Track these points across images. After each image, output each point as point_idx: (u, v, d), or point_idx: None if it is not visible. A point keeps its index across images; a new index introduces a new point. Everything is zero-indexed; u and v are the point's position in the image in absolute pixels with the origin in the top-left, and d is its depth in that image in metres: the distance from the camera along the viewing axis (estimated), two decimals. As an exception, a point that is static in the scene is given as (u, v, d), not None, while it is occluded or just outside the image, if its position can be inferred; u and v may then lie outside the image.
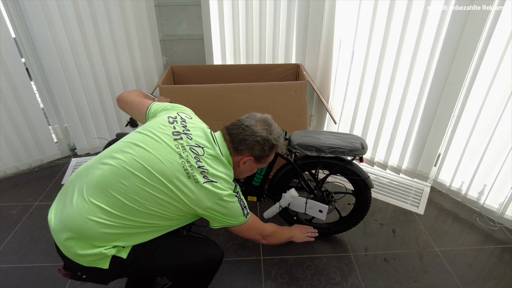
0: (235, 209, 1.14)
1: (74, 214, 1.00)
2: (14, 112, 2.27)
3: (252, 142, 1.16)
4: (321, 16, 2.15)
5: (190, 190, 1.05)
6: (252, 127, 1.17)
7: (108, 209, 1.00)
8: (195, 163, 1.07)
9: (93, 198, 1.00)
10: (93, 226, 0.99)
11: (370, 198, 1.68)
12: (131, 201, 1.01)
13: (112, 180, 1.01)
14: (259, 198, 1.74)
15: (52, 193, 2.25)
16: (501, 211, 1.98)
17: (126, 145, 1.08)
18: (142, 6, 2.26)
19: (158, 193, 1.03)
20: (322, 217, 1.67)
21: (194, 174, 1.05)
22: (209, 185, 1.06)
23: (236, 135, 1.17)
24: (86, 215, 0.99)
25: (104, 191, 1.01)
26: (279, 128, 1.26)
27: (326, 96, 2.46)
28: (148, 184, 1.02)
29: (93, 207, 1.00)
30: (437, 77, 1.93)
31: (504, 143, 1.85)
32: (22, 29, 2.14)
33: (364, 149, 1.54)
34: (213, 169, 1.09)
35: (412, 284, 1.62)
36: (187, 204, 1.06)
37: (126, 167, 1.03)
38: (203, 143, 1.12)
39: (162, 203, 1.04)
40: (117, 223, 1.00)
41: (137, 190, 1.01)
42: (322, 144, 1.54)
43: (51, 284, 1.61)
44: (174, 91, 2.00)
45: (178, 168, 1.04)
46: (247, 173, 1.27)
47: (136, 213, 1.02)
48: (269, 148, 1.20)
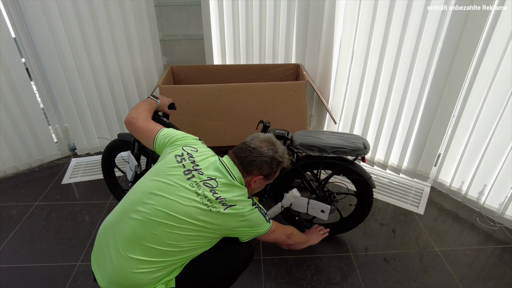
0: (258, 218, 1.23)
1: (119, 272, 1.08)
2: (14, 112, 2.27)
3: (261, 163, 1.23)
4: (321, 16, 2.16)
5: (215, 220, 1.13)
6: (259, 148, 1.24)
7: (148, 259, 1.08)
8: (212, 195, 1.14)
9: (131, 253, 1.08)
10: (141, 277, 1.08)
11: (372, 198, 1.68)
12: (166, 246, 1.09)
13: (142, 233, 1.08)
14: (261, 198, 1.74)
15: (52, 193, 2.25)
16: (501, 211, 1.98)
17: (145, 195, 1.13)
18: (142, 6, 2.26)
19: (188, 231, 1.11)
20: (324, 217, 1.67)
21: (214, 206, 1.13)
22: (229, 210, 1.15)
23: (244, 158, 1.23)
24: (130, 270, 1.08)
25: (139, 244, 1.08)
26: (282, 145, 1.32)
27: (326, 96, 2.46)
28: (177, 227, 1.09)
29: (133, 261, 1.07)
30: (437, 77, 1.93)
31: (504, 143, 1.85)
32: (22, 29, 2.14)
33: (366, 149, 1.53)
34: (229, 196, 1.16)
35: (412, 284, 1.62)
36: (216, 231, 1.15)
37: (152, 218, 1.09)
38: (214, 174, 1.18)
39: (194, 238, 1.12)
40: (160, 266, 1.10)
41: (168, 235, 1.08)
42: (324, 144, 1.54)
43: (51, 284, 1.61)
44: (174, 91, 2.00)
45: (198, 206, 1.11)
46: (257, 189, 1.35)
47: (174, 254, 1.11)
48: (277, 165, 1.27)
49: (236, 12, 2.32)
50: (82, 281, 1.62)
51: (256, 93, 2.01)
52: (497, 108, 1.82)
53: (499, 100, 1.80)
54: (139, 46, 2.37)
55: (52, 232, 1.92)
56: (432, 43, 1.87)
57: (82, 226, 1.96)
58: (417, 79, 2.01)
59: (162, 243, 1.08)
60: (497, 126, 1.84)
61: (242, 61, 2.53)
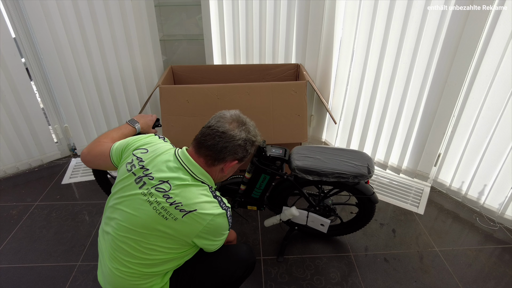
0: (222, 227, 1.09)
1: (111, 279, 1.12)
2: (14, 112, 2.27)
3: (234, 147, 1.09)
4: (321, 16, 2.16)
5: (173, 229, 1.03)
6: (230, 132, 1.09)
7: (126, 270, 1.08)
8: (166, 201, 1.03)
9: (113, 264, 1.10)
10: (125, 282, 1.10)
11: (374, 211, 1.66)
12: (138, 258, 1.06)
13: (115, 246, 1.08)
14: (260, 208, 1.73)
15: (52, 193, 2.25)
16: (501, 211, 1.98)
17: (111, 210, 1.12)
18: (142, 6, 2.26)
19: (153, 242, 1.05)
20: (324, 230, 1.66)
21: (170, 213, 1.02)
22: (187, 218, 1.02)
23: (214, 146, 1.07)
24: (118, 275, 1.09)
25: (116, 257, 1.08)
26: (251, 120, 1.19)
27: (326, 96, 2.46)
28: (140, 241, 1.05)
29: (116, 271, 1.09)
30: (437, 77, 1.93)
31: (504, 143, 1.85)
32: (22, 29, 2.14)
33: (370, 173, 1.45)
34: (186, 199, 1.03)
35: (412, 284, 1.62)
36: (180, 238, 1.05)
37: (119, 233, 1.07)
38: (166, 176, 1.05)
39: (162, 250, 1.06)
40: (144, 276, 1.09)
41: (135, 246, 1.05)
42: (324, 169, 1.45)
43: (51, 284, 1.61)
44: (174, 91, 2.00)
45: (153, 216, 1.03)
46: (231, 174, 1.22)
47: (151, 266, 1.08)
48: (251, 146, 1.15)
49: (236, 12, 2.32)
50: (82, 281, 1.62)
51: (256, 93, 2.01)
52: (497, 108, 1.82)
53: (499, 100, 1.80)
54: (139, 46, 2.37)
55: (52, 232, 1.92)
56: (432, 43, 1.87)
57: (82, 226, 1.96)
58: (417, 79, 2.01)
59: (134, 256, 1.06)
60: (497, 126, 1.84)
61: (242, 61, 2.52)
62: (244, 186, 1.64)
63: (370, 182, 1.63)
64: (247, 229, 1.94)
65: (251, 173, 1.57)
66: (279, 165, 1.52)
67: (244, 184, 1.64)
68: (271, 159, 1.49)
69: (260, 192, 1.63)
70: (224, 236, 1.13)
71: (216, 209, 1.06)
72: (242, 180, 1.64)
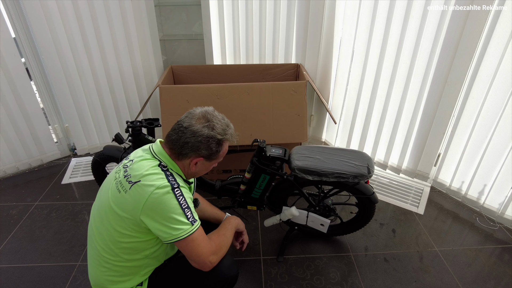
0: (169, 207, 1.00)
1: (91, 271, 1.17)
2: (14, 112, 2.26)
3: (196, 144, 1.07)
4: (321, 16, 2.15)
5: (124, 204, 1.02)
6: (192, 127, 1.07)
7: (99, 259, 1.11)
8: (123, 175, 1.06)
9: (91, 255, 1.16)
10: (101, 275, 1.13)
11: (374, 211, 1.66)
12: (105, 244, 1.08)
13: (91, 235, 1.14)
14: (260, 208, 1.73)
15: (52, 193, 2.25)
16: (501, 211, 1.98)
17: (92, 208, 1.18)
18: (142, 6, 2.26)
19: (112, 221, 1.05)
20: (324, 230, 1.66)
21: (122, 186, 1.04)
22: (133, 189, 1.01)
23: (176, 141, 1.07)
24: (95, 267, 1.14)
25: (93, 247, 1.13)
26: (224, 118, 1.15)
27: (326, 96, 2.46)
28: (103, 224, 1.07)
29: (94, 261, 1.14)
30: (437, 77, 1.93)
31: (504, 143, 1.85)
32: (22, 29, 2.14)
33: (370, 173, 1.45)
34: (136, 171, 1.04)
35: (412, 284, 1.62)
36: (131, 217, 1.02)
37: (92, 219, 1.15)
38: (135, 156, 1.11)
39: (120, 229, 1.04)
40: (110, 264, 1.10)
41: (101, 230, 1.08)
42: (324, 169, 1.45)
43: (51, 284, 1.61)
44: (174, 91, 2.00)
45: (113, 191, 1.06)
46: (203, 171, 1.18)
47: (115, 251, 1.08)
48: (216, 144, 1.10)
49: (236, 12, 2.32)
50: (82, 281, 1.62)
51: (256, 93, 2.01)
52: (497, 108, 1.82)
53: (499, 100, 1.80)
54: (139, 46, 2.37)
55: (52, 232, 1.92)
56: (432, 43, 1.87)
57: (82, 226, 1.96)
58: (417, 79, 2.01)
59: (103, 241, 1.08)
60: (497, 126, 1.84)
61: (242, 61, 2.52)
62: (244, 186, 1.64)
63: (370, 182, 1.63)
64: (247, 229, 1.94)
65: (251, 173, 1.57)
66: (279, 165, 1.52)
67: (244, 184, 1.64)
68: (271, 159, 1.49)
69: (260, 192, 1.63)
70: (178, 224, 1.00)
71: (161, 180, 1.01)
72: (242, 180, 1.64)
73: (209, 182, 1.76)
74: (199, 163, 1.12)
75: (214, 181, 1.76)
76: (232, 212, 2.03)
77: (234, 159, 2.21)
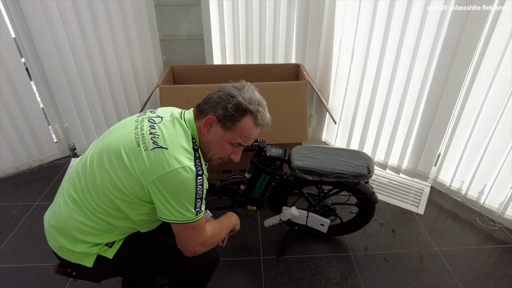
0: (186, 193, 0.94)
1: (58, 211, 1.03)
2: (14, 112, 2.26)
3: (216, 99, 1.01)
4: (321, 16, 2.16)
5: (137, 160, 0.94)
6: (223, 87, 1.04)
7: (75, 196, 1.00)
8: (148, 130, 0.98)
9: (65, 194, 1.03)
10: (68, 215, 1.00)
11: (374, 211, 1.66)
12: (89, 183, 0.99)
13: (78, 170, 1.03)
14: (260, 208, 1.73)
15: (52, 193, 2.25)
16: (501, 211, 1.98)
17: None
18: (142, 6, 2.26)
19: (113, 165, 0.96)
20: (324, 230, 1.66)
21: (144, 141, 0.95)
22: (156, 152, 0.93)
23: (205, 100, 1.05)
24: (65, 207, 1.02)
25: (73, 185, 1.03)
26: (261, 97, 1.07)
27: (326, 96, 2.46)
28: (102, 162, 0.98)
29: (68, 199, 1.02)
30: (437, 77, 1.93)
31: (504, 143, 1.85)
32: (22, 29, 2.14)
33: (370, 173, 1.46)
34: (164, 135, 0.96)
35: (412, 284, 1.62)
36: (137, 175, 0.93)
37: (91, 152, 1.03)
38: (165, 114, 1.04)
39: (114, 175, 0.96)
40: (84, 205, 0.99)
41: (95, 167, 0.99)
42: (324, 169, 1.45)
43: (51, 284, 1.61)
44: (174, 91, 2.00)
45: (129, 137, 0.98)
46: (215, 145, 1.05)
47: (97, 195, 0.98)
48: (235, 106, 1.00)
49: (236, 12, 2.32)
50: (82, 281, 1.62)
51: (256, 93, 2.01)
52: (497, 108, 1.82)
53: (499, 100, 1.80)
54: (139, 46, 2.37)
55: (52, 232, 1.92)
56: (432, 43, 1.87)
57: (82, 226, 1.96)
58: (417, 79, 2.01)
59: (86, 180, 0.99)
60: (497, 126, 1.84)
61: (242, 61, 2.53)
62: (244, 186, 1.64)
63: (370, 182, 1.63)
64: (247, 229, 1.94)
65: (251, 173, 1.57)
66: (279, 165, 1.52)
67: (244, 184, 1.64)
68: (271, 159, 1.49)
69: (260, 192, 1.63)
70: (184, 210, 0.95)
71: (189, 161, 0.95)
72: (242, 180, 1.64)
73: (209, 182, 1.76)
74: (213, 127, 1.03)
75: (214, 181, 1.76)
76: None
77: (234, 159, 2.21)
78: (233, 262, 1.73)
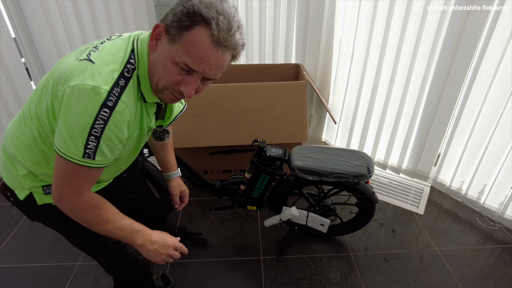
0: (77, 118, 0.74)
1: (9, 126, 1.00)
2: (14, 112, 2.26)
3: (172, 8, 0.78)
4: (321, 16, 2.16)
5: (62, 66, 0.82)
6: None
7: (24, 113, 0.92)
8: (97, 43, 0.85)
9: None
10: (12, 129, 0.95)
11: (374, 211, 1.66)
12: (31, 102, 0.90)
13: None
14: (260, 208, 1.73)
15: (52, 193, 2.25)
16: (501, 211, 1.98)
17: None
18: (142, 6, 2.26)
19: (46, 82, 0.85)
20: (324, 230, 1.66)
21: (82, 52, 0.82)
22: (83, 63, 0.77)
23: None
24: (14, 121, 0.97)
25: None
26: (234, 10, 0.76)
27: (326, 96, 2.46)
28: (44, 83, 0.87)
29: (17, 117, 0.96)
30: (437, 77, 1.93)
31: (504, 143, 1.85)
32: (22, 29, 2.14)
33: (370, 173, 1.46)
34: (104, 50, 0.81)
35: (412, 284, 1.62)
36: (53, 85, 0.80)
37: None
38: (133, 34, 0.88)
39: (39, 91, 0.86)
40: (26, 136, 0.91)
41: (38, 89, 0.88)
42: (324, 169, 1.45)
43: (51, 284, 1.61)
44: (174, 91, 2.00)
45: (71, 56, 0.85)
46: (158, 65, 0.80)
47: (33, 109, 0.88)
48: (186, 9, 0.73)
49: (236, 12, 2.32)
50: (82, 281, 1.62)
51: (256, 93, 2.01)
52: (497, 108, 1.82)
53: (499, 100, 1.80)
54: (139, 46, 2.37)
55: (52, 232, 1.92)
56: (432, 43, 1.87)
57: (82, 226, 1.96)
58: (417, 79, 2.01)
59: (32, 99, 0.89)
60: (497, 126, 1.84)
61: (242, 61, 2.53)
62: (244, 186, 1.64)
63: (370, 182, 1.63)
64: (247, 229, 1.94)
65: (251, 173, 1.57)
66: (279, 165, 1.52)
67: (244, 184, 1.64)
68: (271, 159, 1.49)
69: (260, 192, 1.63)
70: (71, 143, 0.76)
71: (104, 84, 0.75)
72: (242, 180, 1.64)
73: (209, 182, 1.76)
74: (161, 40, 0.79)
75: (214, 181, 1.76)
76: (232, 212, 2.04)
77: (234, 159, 2.21)
78: (233, 262, 1.73)
